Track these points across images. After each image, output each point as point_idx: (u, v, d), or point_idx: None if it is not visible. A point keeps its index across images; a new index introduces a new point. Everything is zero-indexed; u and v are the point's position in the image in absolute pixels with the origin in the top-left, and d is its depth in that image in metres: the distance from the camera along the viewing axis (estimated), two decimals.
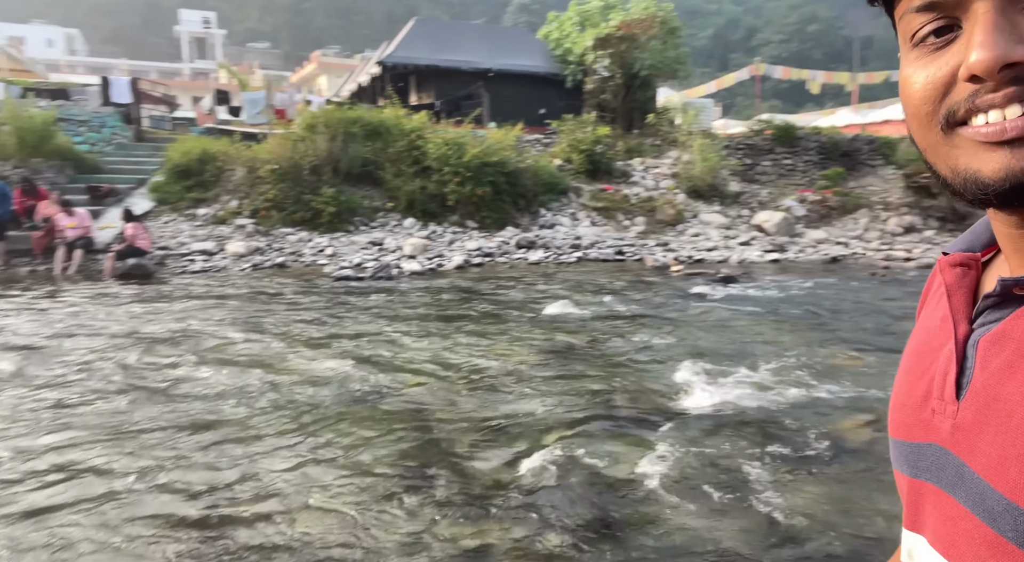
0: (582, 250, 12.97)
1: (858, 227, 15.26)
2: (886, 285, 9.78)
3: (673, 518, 3.03)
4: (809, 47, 76.83)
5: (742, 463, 3.57)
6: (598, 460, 3.63)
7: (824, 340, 6.34)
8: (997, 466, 0.42)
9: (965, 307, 0.51)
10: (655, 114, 18.85)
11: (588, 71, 20.46)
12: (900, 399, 0.56)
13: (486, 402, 4.60)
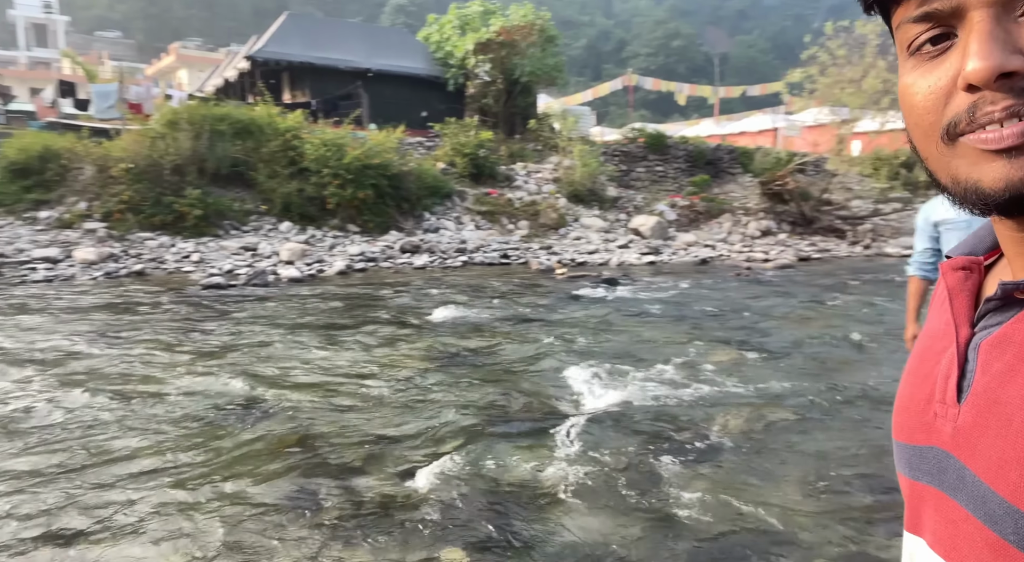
0: (468, 254, 12.93)
1: (723, 231, 16.36)
2: (749, 285, 10.51)
3: (574, 521, 3.02)
4: (674, 61, 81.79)
5: (636, 462, 3.64)
6: (496, 468, 3.56)
7: (701, 338, 6.67)
8: (998, 469, 0.42)
9: (967, 311, 0.51)
10: (536, 120, 19.22)
11: (470, 75, 20.51)
12: (903, 402, 0.56)
13: (375, 414, 4.40)
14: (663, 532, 2.92)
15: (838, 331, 6.85)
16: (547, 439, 3.98)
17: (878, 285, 10.23)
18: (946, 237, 3.09)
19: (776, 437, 4.00)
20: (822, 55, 16.53)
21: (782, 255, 14.02)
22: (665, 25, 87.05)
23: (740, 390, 4.89)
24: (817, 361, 5.70)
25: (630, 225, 15.92)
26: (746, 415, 4.36)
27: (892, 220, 17.95)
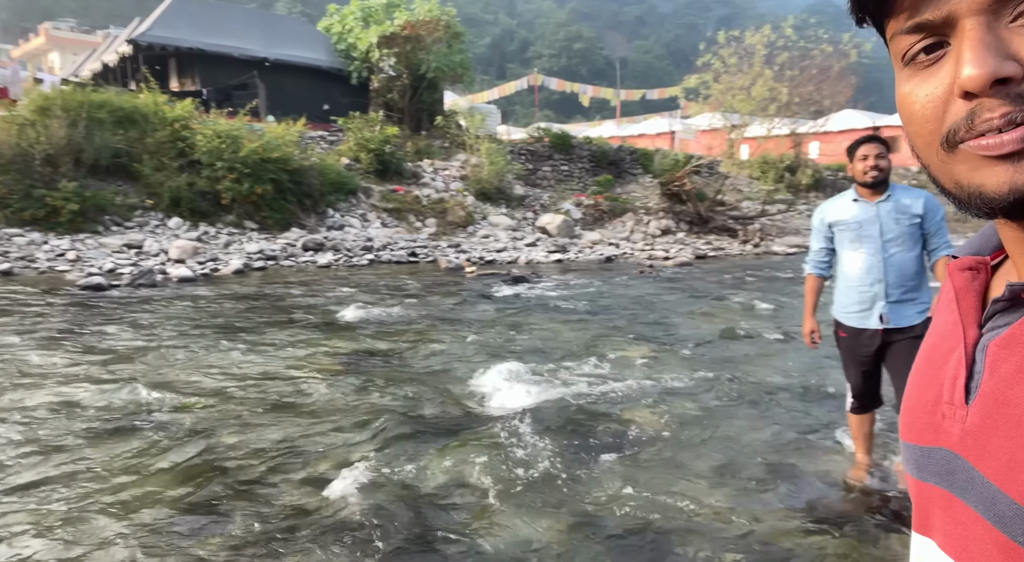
0: (374, 252, 12.61)
1: (626, 229, 16.87)
2: (653, 282, 10.88)
3: (494, 524, 2.97)
4: (576, 63, 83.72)
5: (554, 461, 3.63)
6: (413, 473, 3.45)
7: (611, 334, 6.81)
8: (1007, 471, 0.42)
9: (975, 311, 0.50)
10: (443, 117, 19.04)
11: (374, 69, 20.02)
12: (911, 403, 0.56)
13: (281, 421, 4.16)
14: (583, 531, 2.93)
15: (737, 326, 7.20)
16: (464, 441, 3.90)
17: (769, 282, 10.87)
18: (839, 237, 3.28)
19: (687, 430, 4.12)
20: (716, 63, 17.41)
21: (681, 253, 14.62)
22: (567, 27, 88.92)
23: (651, 385, 5.02)
24: (720, 355, 5.95)
25: (537, 223, 16.09)
26: (658, 410, 4.47)
27: (777, 220, 19.17)
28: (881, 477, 3.39)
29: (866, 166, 3.07)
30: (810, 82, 17.01)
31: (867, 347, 3.22)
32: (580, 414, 4.38)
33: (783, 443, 3.90)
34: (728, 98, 17.32)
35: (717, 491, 3.29)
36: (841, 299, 3.30)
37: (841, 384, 4.80)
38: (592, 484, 3.36)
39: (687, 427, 4.16)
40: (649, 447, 3.85)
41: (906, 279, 3.10)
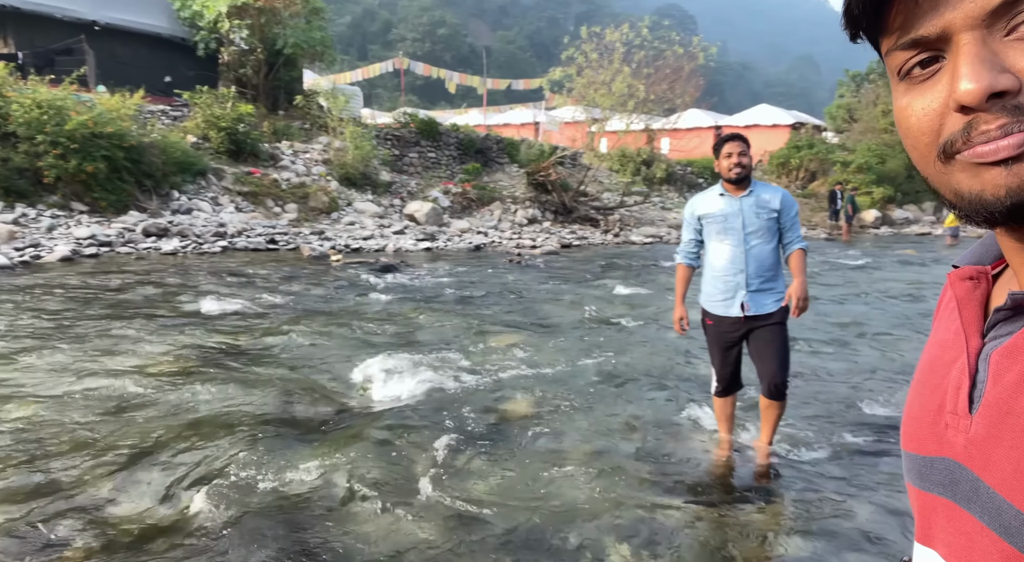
0: (228, 238, 11.72)
1: (494, 218, 17.00)
2: (522, 270, 11.05)
3: (369, 526, 2.83)
4: (440, 49, 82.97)
5: (430, 455, 3.54)
6: (278, 477, 3.22)
7: (482, 323, 6.81)
8: (1013, 481, 0.42)
9: (976, 320, 0.51)
10: (303, 96, 18.04)
11: (224, 40, 18.52)
12: (913, 412, 0.55)
13: (127, 427, 3.72)
14: (463, 526, 2.87)
15: (605, 313, 7.47)
16: (337, 440, 3.71)
17: (631, 270, 11.42)
18: (706, 229, 3.46)
19: (561, 417, 4.19)
20: (579, 57, 17.93)
21: (547, 242, 14.98)
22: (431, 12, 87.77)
23: (525, 373, 5.06)
24: (590, 341, 6.14)
25: (405, 211, 15.77)
26: (533, 398, 4.51)
27: (635, 211, 20.22)
28: (742, 454, 3.63)
29: (730, 163, 3.26)
30: (664, 81, 18.02)
31: (730, 334, 3.42)
32: (456, 405, 4.32)
33: (653, 426, 4.08)
34: (590, 92, 17.91)
35: (592, 476, 3.37)
36: (707, 288, 3.48)
37: (704, 368, 5.13)
38: (471, 477, 3.31)
39: (561, 414, 4.23)
40: (525, 435, 3.87)
41: (764, 270, 3.32)
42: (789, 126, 34.36)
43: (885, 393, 4.70)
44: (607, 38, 17.79)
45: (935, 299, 6.00)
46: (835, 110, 32.11)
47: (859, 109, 29.73)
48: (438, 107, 48.74)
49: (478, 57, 70.40)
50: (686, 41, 19.56)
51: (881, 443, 3.82)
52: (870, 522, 2.92)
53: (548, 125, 26.79)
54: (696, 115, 32.89)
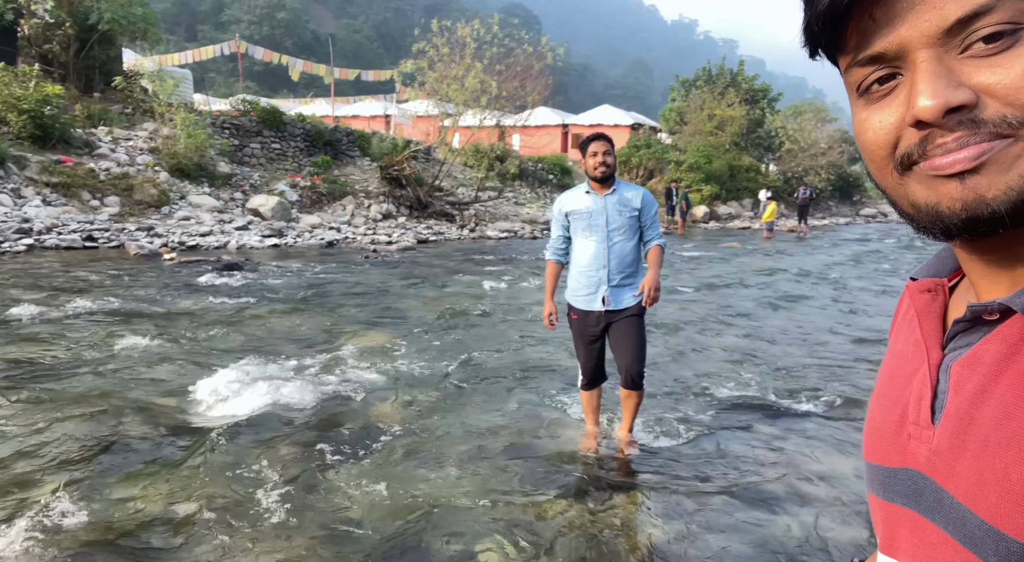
0: (35, 236, 10.27)
1: (346, 213, 16.39)
2: (379, 267, 10.74)
3: (227, 550, 2.57)
4: (280, 34, 78.53)
5: (290, 471, 3.30)
6: (114, 507, 2.83)
7: (341, 323, 6.51)
8: (976, 491, 0.43)
9: (936, 332, 0.52)
10: (124, 78, 16.20)
11: (23, 12, 16.15)
12: (875, 424, 0.56)
13: None
14: (330, 543, 2.69)
15: (467, 308, 7.45)
16: (179, 461, 3.34)
17: (489, 265, 11.51)
18: (573, 226, 3.53)
19: (430, 419, 4.09)
20: (430, 51, 17.75)
21: (404, 237, 14.71)
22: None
23: (389, 375, 4.89)
24: (454, 339, 6.08)
25: (248, 205, 14.72)
26: (399, 401, 4.37)
27: (490, 206, 20.45)
28: (608, 444, 3.76)
29: (596, 162, 3.36)
30: (515, 78, 18.36)
31: (594, 327, 3.52)
32: (315, 414, 4.07)
33: (523, 421, 4.10)
34: (443, 87, 17.82)
35: (465, 477, 3.32)
36: (573, 284, 3.55)
37: (570, 362, 5.26)
38: (336, 491, 3.12)
39: (430, 416, 4.13)
40: (393, 440, 3.73)
41: (625, 266, 3.46)
42: (629, 127, 36.53)
43: (728, 374, 5.10)
44: (458, 33, 17.78)
45: (759, 288, 6.63)
46: (668, 113, 34.57)
47: (689, 113, 32.24)
48: (280, 95, 46.14)
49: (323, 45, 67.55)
50: (535, 40, 20.07)
51: (729, 422, 4.12)
52: (725, 503, 3.12)
53: (400, 118, 26.32)
54: (545, 113, 33.98)
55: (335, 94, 34.62)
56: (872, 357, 5.76)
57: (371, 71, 35.10)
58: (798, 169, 33.26)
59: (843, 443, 3.83)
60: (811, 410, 4.37)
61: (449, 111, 18.60)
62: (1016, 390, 0.42)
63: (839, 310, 8.13)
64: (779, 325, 7.11)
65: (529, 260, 12.32)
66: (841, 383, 4.98)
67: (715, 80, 32.75)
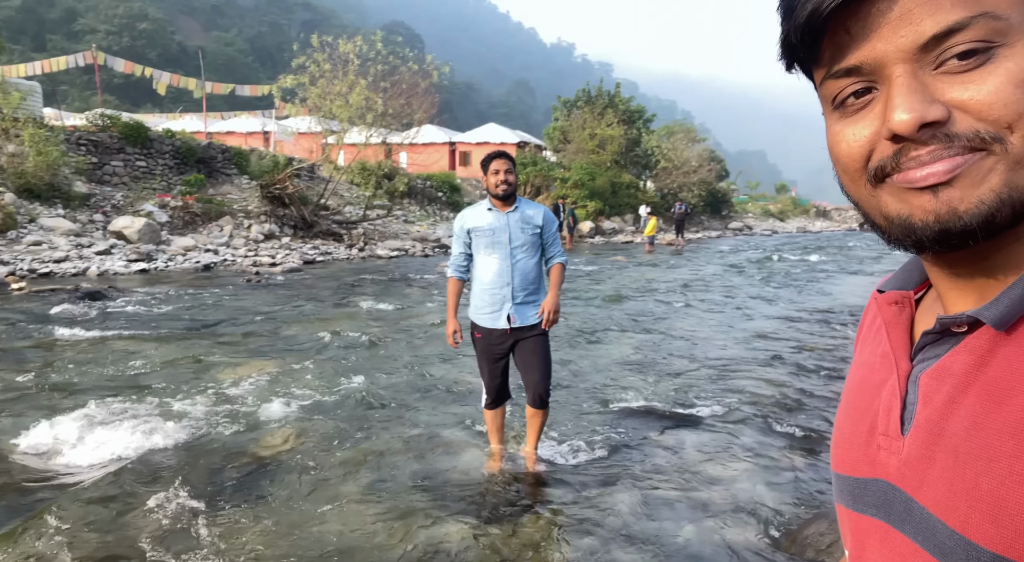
0: None
1: (224, 234, 15.44)
2: (263, 290, 10.17)
3: None
4: (143, 45, 73.52)
5: (167, 519, 2.99)
6: None
7: (224, 352, 6.07)
8: (947, 501, 0.43)
9: (904, 344, 0.52)
10: None
11: None
12: (843, 435, 0.56)
13: None
14: None
15: (359, 330, 7.18)
16: (25, 518, 2.93)
17: (379, 285, 11.22)
18: (475, 243, 3.49)
19: (327, 450, 3.87)
20: (311, 66, 17.23)
21: (288, 259, 14.06)
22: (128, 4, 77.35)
23: (280, 406, 4.59)
24: (347, 363, 5.82)
25: (111, 228, 13.51)
26: (292, 433, 4.10)
27: (379, 225, 20.04)
28: (513, 464, 3.70)
29: (498, 179, 3.36)
30: (401, 96, 18.18)
31: (499, 346, 3.48)
32: (194, 457, 3.73)
33: (424, 445, 3.97)
34: (326, 103, 17.33)
35: (368, 507, 3.15)
36: (476, 301, 3.50)
37: (471, 381, 5.17)
38: (226, 537, 2.86)
39: (326, 446, 3.91)
40: (287, 475, 3.49)
41: (528, 283, 3.46)
42: (515, 145, 37.24)
43: (628, 385, 5.22)
44: (340, 49, 17.39)
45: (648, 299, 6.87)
46: (552, 132, 35.58)
47: (571, 132, 33.35)
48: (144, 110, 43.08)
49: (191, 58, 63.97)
50: (420, 58, 20.02)
51: (632, 433, 4.20)
52: (631, 514, 3.16)
53: (281, 135, 25.28)
54: (432, 131, 33.95)
55: (207, 109, 32.76)
56: (755, 359, 6.12)
57: (247, 86, 33.53)
58: (673, 186, 35.27)
59: (735, 446, 4.01)
60: (705, 415, 4.55)
61: (333, 128, 18.10)
62: (984, 401, 0.43)
63: (722, 317, 8.60)
64: (670, 334, 7.41)
65: (423, 278, 12.15)
66: (730, 387, 5.24)
67: (594, 101, 34.12)
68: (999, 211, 0.42)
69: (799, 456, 3.85)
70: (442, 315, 8.13)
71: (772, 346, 6.80)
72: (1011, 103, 0.41)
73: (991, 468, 0.41)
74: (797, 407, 4.75)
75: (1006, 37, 0.42)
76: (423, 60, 19.81)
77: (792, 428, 4.27)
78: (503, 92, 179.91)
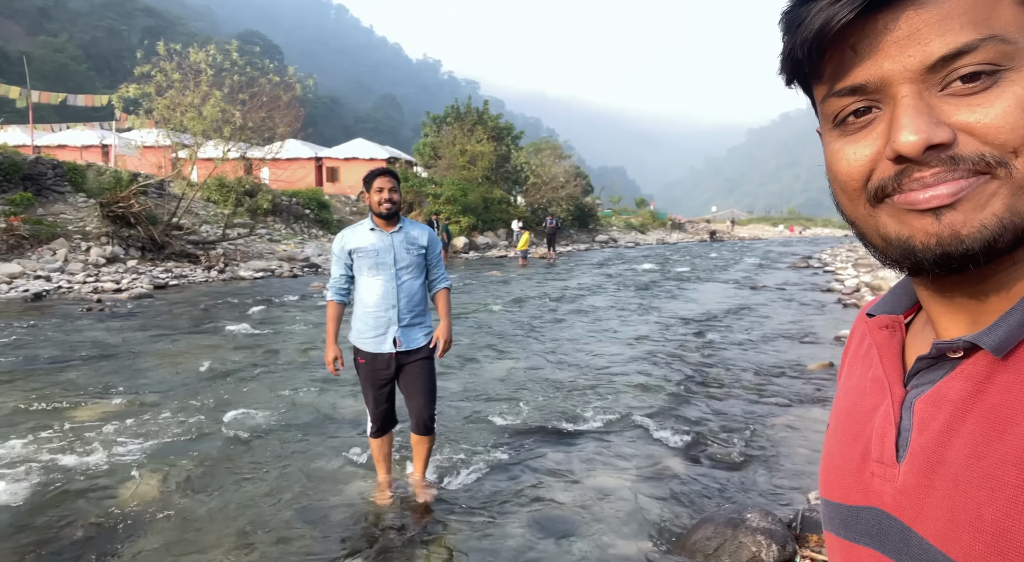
0: None
1: (58, 258, 13.82)
2: (107, 320, 9.17)
3: None
4: None
5: None
6: None
7: (59, 394, 5.37)
8: (948, 531, 0.42)
9: (897, 368, 0.51)
10: None
11: None
12: (834, 461, 0.55)
13: None
14: None
15: (223, 360, 6.64)
16: None
17: (244, 309, 10.49)
18: (358, 264, 3.33)
19: (194, 493, 3.51)
20: (158, 75, 15.95)
21: (136, 284, 12.83)
22: None
23: (134, 449, 4.12)
24: (210, 396, 5.35)
25: None
26: (151, 479, 3.69)
27: (240, 245, 18.85)
28: (403, 493, 3.54)
29: (381, 198, 3.24)
30: (262, 109, 17.27)
31: (384, 371, 3.33)
32: (34, 513, 3.25)
33: (305, 481, 3.71)
34: (176, 115, 16.09)
35: (246, 554, 2.88)
36: (359, 325, 3.33)
37: (353, 409, 4.92)
38: None
39: (191, 493, 3.54)
40: (147, 535, 3.11)
41: (414, 305, 3.36)
42: (385, 160, 36.67)
43: (512, 403, 5.20)
44: (192, 58, 16.25)
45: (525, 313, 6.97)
46: (422, 147, 35.44)
47: (442, 148, 33.40)
48: None
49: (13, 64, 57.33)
50: (281, 70, 19.19)
51: (518, 451, 4.17)
52: (525, 536, 3.12)
53: (123, 149, 23.11)
54: (296, 146, 32.60)
55: (34, 121, 29.38)
56: (633, 368, 6.34)
57: (81, 95, 30.47)
58: (543, 200, 36.29)
59: (620, 457, 4.10)
60: (589, 428, 4.62)
61: (185, 142, 16.84)
62: (984, 428, 0.42)
63: (598, 327, 8.88)
64: (550, 347, 7.52)
65: (293, 300, 11.53)
66: (611, 397, 5.38)
67: (464, 117, 34.44)
68: (1001, 236, 0.42)
69: (678, 462, 4.00)
70: (316, 339, 7.73)
71: (647, 354, 7.09)
72: (1018, 127, 0.41)
73: (994, 498, 0.40)
74: (673, 413, 4.95)
75: (1013, 61, 0.42)
76: (284, 72, 19.00)
77: (670, 434, 4.44)
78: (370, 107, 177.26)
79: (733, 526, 2.75)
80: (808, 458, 4.03)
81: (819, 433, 4.48)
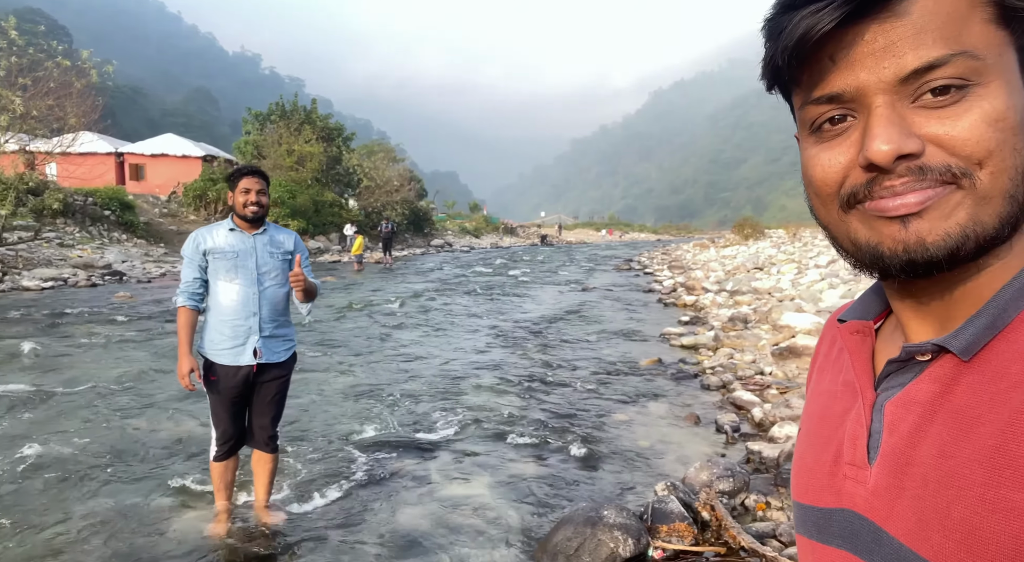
0: None
1: None
2: None
3: None
4: None
5: None
6: None
7: None
8: (918, 531, 0.43)
9: (868, 372, 0.53)
10: None
11: None
12: (806, 464, 0.56)
13: None
14: None
15: (7, 386, 5.66)
16: None
17: (32, 324, 9.06)
18: (213, 266, 3.01)
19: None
20: None
21: None
22: None
23: None
24: (1, 430, 4.53)
25: None
26: None
27: (23, 250, 16.31)
28: (245, 521, 3.24)
29: (248, 199, 3.00)
30: (49, 96, 15.07)
31: (242, 385, 3.05)
32: None
33: (128, 516, 3.26)
34: None
35: None
36: (213, 335, 3.01)
37: (186, 430, 4.41)
38: None
39: None
40: None
41: (278, 314, 3.12)
42: (200, 158, 33.80)
43: (361, 416, 4.99)
44: None
45: (366, 321, 6.80)
46: (244, 146, 33.16)
47: (266, 147, 31.48)
48: None
49: None
50: (72, 54, 16.92)
51: (373, 466, 4.00)
52: (381, 556, 2.99)
53: None
54: (92, 139, 28.91)
55: None
56: (479, 374, 6.37)
57: None
58: (376, 204, 35.56)
59: (474, 465, 4.08)
60: (441, 437, 4.56)
61: None
62: (952, 429, 0.44)
63: (441, 333, 8.83)
64: (395, 355, 7.34)
65: (94, 313, 10.16)
66: (460, 404, 5.35)
67: (290, 116, 32.75)
68: (964, 245, 0.44)
69: (531, 464, 4.08)
70: (129, 355, 6.88)
71: (492, 358, 7.17)
72: (983, 140, 0.43)
73: (962, 497, 0.42)
74: (521, 415, 5.05)
75: (982, 77, 0.44)
76: (76, 55, 16.78)
77: (520, 438, 4.51)
78: (179, 100, 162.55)
79: (591, 524, 2.83)
80: (650, 450, 4.30)
81: (656, 426, 4.81)
